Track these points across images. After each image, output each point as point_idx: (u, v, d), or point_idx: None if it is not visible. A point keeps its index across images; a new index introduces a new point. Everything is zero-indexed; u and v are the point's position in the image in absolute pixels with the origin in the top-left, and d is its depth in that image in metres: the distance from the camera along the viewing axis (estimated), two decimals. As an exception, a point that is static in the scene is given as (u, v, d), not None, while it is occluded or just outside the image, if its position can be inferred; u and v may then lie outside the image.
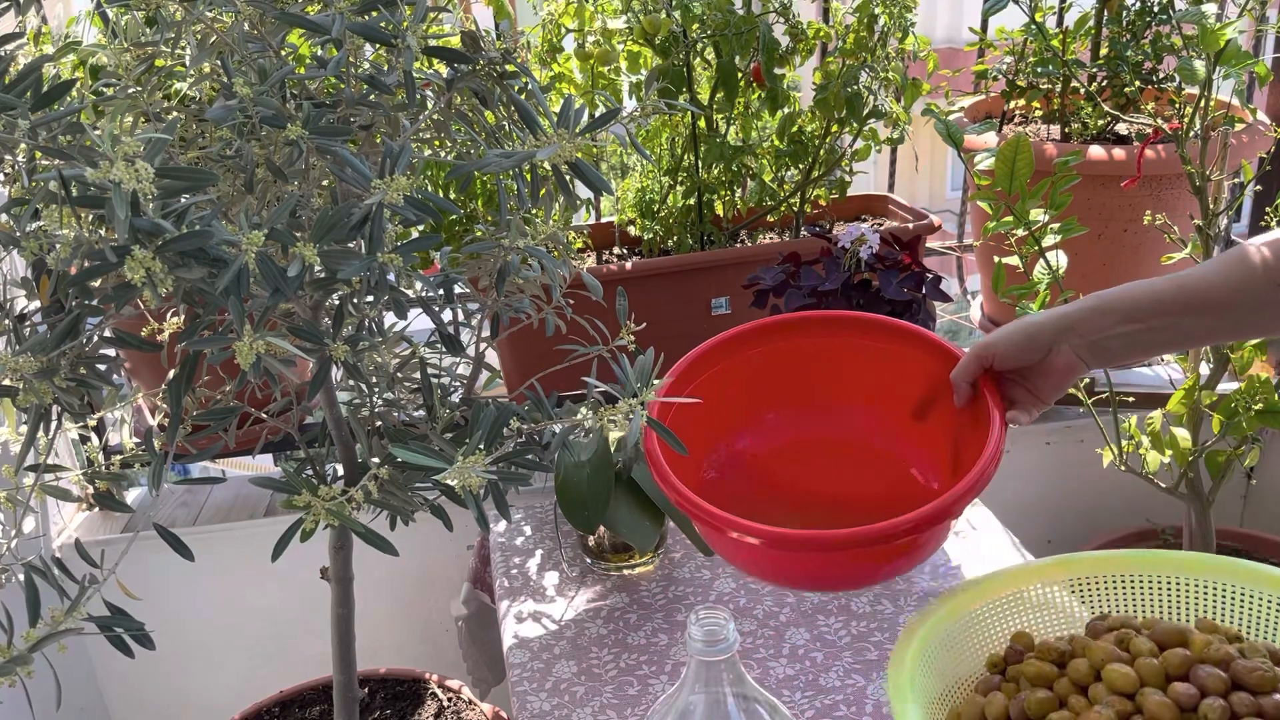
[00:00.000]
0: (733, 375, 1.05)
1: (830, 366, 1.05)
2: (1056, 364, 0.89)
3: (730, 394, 1.05)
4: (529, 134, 0.80)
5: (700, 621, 0.65)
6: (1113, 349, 0.86)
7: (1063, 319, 0.87)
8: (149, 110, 0.78)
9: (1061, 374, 0.89)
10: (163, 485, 0.88)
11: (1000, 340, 0.91)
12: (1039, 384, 0.92)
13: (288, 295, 0.68)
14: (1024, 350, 0.90)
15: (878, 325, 1.02)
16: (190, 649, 1.70)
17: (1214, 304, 0.81)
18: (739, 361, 1.05)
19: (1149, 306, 0.84)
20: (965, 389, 0.94)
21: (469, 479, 0.74)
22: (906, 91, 1.51)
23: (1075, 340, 0.87)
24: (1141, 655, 0.74)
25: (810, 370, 1.05)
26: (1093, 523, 1.81)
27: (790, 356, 1.05)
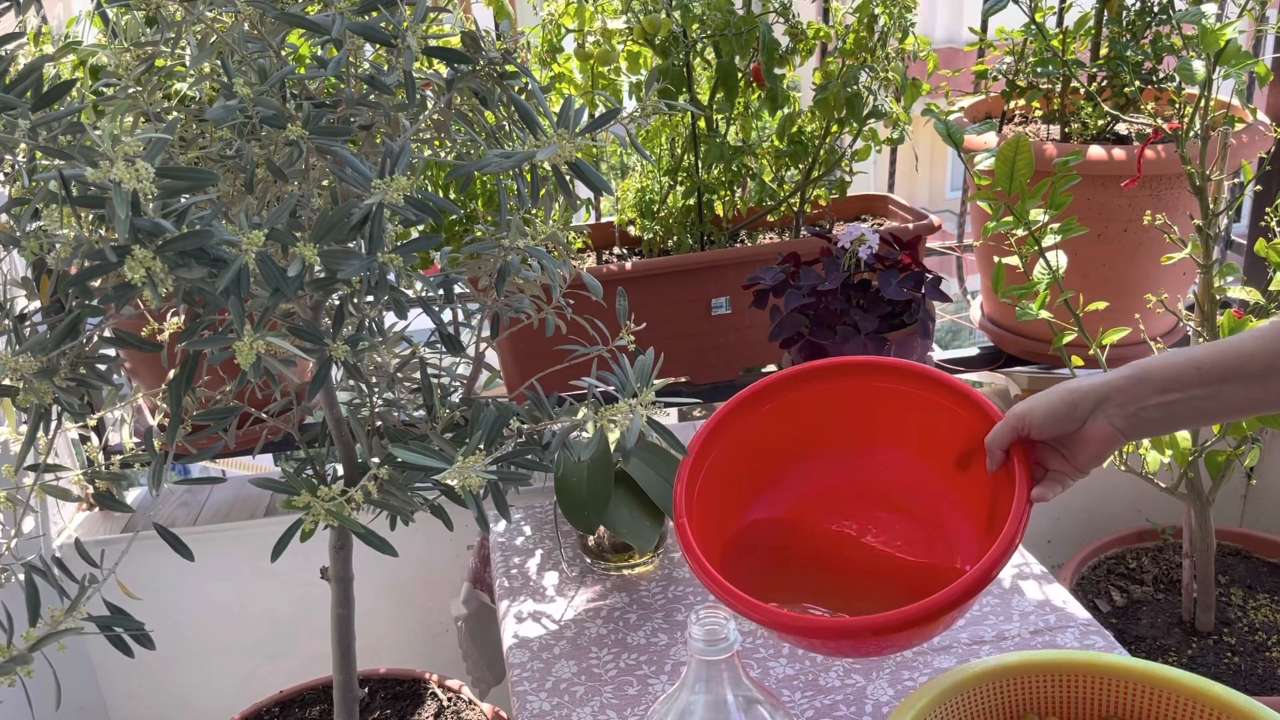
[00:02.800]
0: (768, 423, 1.04)
1: (868, 412, 1.03)
2: (1093, 434, 0.86)
3: (765, 443, 1.04)
4: (529, 134, 0.80)
5: (701, 621, 0.65)
6: (1151, 419, 0.84)
7: (1101, 389, 0.85)
8: (149, 110, 0.78)
9: (1099, 445, 0.86)
10: (163, 485, 0.88)
11: (1037, 409, 0.88)
12: (1075, 453, 0.89)
13: (288, 295, 0.68)
14: (1060, 420, 0.87)
15: (918, 374, 1.01)
16: (190, 649, 1.70)
17: (1255, 372, 0.80)
18: (775, 409, 1.04)
19: (1189, 375, 0.82)
20: (999, 455, 0.92)
21: (469, 479, 0.74)
22: (906, 91, 1.51)
23: (1113, 410, 0.85)
24: None
25: (846, 416, 1.04)
26: (1092, 523, 1.81)
27: (825, 402, 1.04)
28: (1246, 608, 1.57)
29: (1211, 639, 1.51)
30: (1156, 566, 1.67)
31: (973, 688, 0.88)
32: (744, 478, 1.04)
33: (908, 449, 1.02)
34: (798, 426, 1.04)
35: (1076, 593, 1.58)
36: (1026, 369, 1.75)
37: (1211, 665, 1.47)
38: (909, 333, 1.20)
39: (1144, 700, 0.87)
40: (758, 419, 1.04)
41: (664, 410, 0.92)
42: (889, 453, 1.03)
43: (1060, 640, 1.09)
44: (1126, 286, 1.56)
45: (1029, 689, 0.89)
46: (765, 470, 1.05)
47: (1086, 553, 1.67)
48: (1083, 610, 1.14)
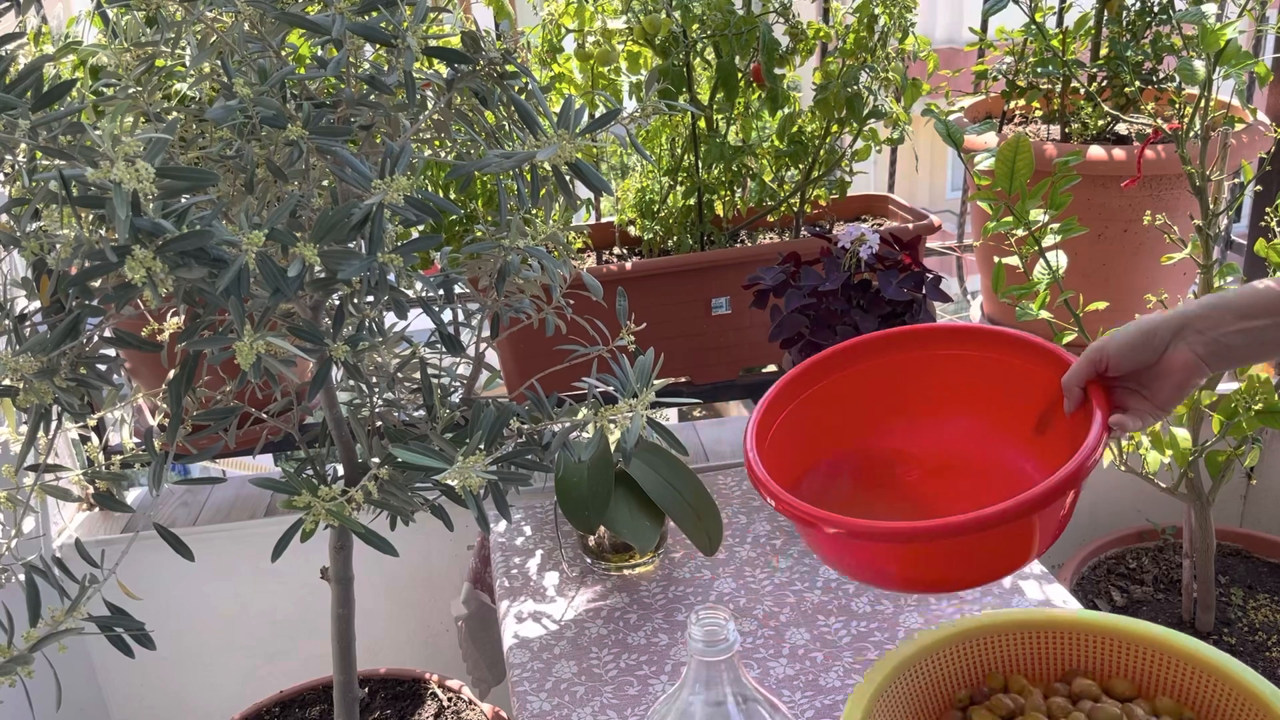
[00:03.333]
0: (830, 395, 1.01)
1: (933, 381, 1.00)
2: (1174, 363, 0.84)
3: (828, 416, 1.01)
4: (529, 134, 0.80)
5: (700, 622, 0.65)
6: (1234, 345, 0.82)
7: (1179, 317, 0.83)
8: (149, 110, 0.78)
9: (1180, 374, 0.84)
10: (163, 485, 0.88)
11: (1113, 340, 0.86)
12: (1157, 388, 0.86)
13: (288, 295, 0.68)
14: (1138, 350, 0.85)
15: (979, 335, 0.98)
16: (190, 649, 1.70)
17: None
18: (836, 381, 1.01)
19: (1269, 303, 0.80)
20: (1076, 393, 0.89)
21: (469, 479, 0.74)
22: (906, 91, 1.51)
23: (1193, 337, 0.83)
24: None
25: (914, 386, 1.01)
26: (1093, 522, 1.81)
27: (890, 373, 1.01)
28: (1246, 608, 1.57)
29: (1211, 639, 1.51)
30: (1156, 566, 1.67)
31: (938, 651, 0.90)
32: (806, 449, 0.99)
33: (983, 417, 0.98)
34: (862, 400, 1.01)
35: (1076, 593, 1.58)
36: (1026, 369, 1.75)
37: (1211, 665, 1.47)
38: (909, 333, 1.20)
39: (1103, 652, 0.90)
40: (820, 391, 1.01)
41: (664, 410, 0.92)
42: (963, 422, 0.99)
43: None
44: (1126, 286, 1.56)
45: (993, 649, 0.92)
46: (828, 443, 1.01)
47: (1086, 553, 1.67)
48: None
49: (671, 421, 2.38)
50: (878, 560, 0.87)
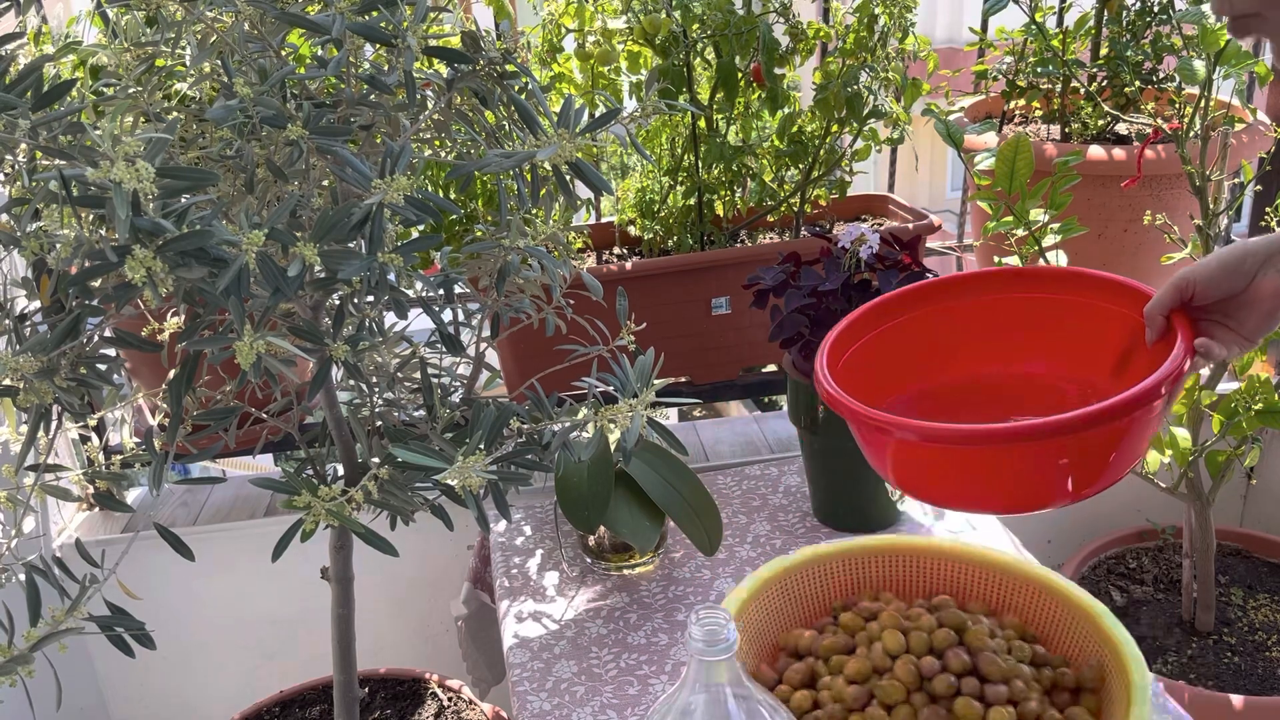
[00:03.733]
0: (902, 334, 0.98)
1: (1009, 323, 0.97)
2: (1264, 290, 0.80)
3: (899, 354, 0.98)
4: (529, 134, 0.80)
5: (700, 621, 0.65)
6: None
7: (1268, 243, 0.80)
8: (149, 110, 0.78)
9: (1270, 302, 0.80)
10: (163, 485, 0.88)
11: (1200, 268, 0.82)
12: (1244, 317, 0.83)
13: (288, 295, 0.68)
14: (1229, 273, 0.81)
15: (1053, 276, 0.94)
16: (190, 649, 1.70)
17: None
18: (909, 321, 0.98)
19: None
20: (1159, 321, 0.85)
21: (469, 479, 0.74)
22: (906, 91, 1.51)
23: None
24: (920, 629, 0.92)
25: (988, 328, 0.98)
26: (1092, 522, 1.81)
27: (965, 316, 0.97)
28: (1246, 608, 1.57)
29: (1211, 639, 1.51)
30: (1156, 566, 1.67)
31: (818, 564, 1.01)
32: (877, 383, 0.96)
33: (1062, 358, 0.95)
34: (935, 342, 0.98)
35: (1076, 593, 1.58)
36: (1026, 369, 1.75)
37: (1211, 665, 1.47)
38: (909, 333, 1.20)
39: (962, 576, 1.01)
40: (891, 330, 0.98)
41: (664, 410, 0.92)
42: (1042, 363, 0.96)
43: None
44: (1126, 286, 1.56)
45: (866, 568, 1.03)
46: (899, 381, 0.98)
47: (1086, 553, 1.67)
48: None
49: (671, 421, 2.39)
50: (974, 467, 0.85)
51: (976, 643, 0.90)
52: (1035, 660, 0.92)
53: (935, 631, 0.92)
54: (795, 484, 1.45)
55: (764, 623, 0.97)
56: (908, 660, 0.89)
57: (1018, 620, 0.97)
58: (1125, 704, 0.81)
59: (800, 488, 1.43)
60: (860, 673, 0.89)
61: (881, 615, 0.95)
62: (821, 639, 0.95)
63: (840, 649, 0.94)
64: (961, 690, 0.87)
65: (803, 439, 1.31)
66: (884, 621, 0.94)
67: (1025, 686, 0.87)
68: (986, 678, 0.88)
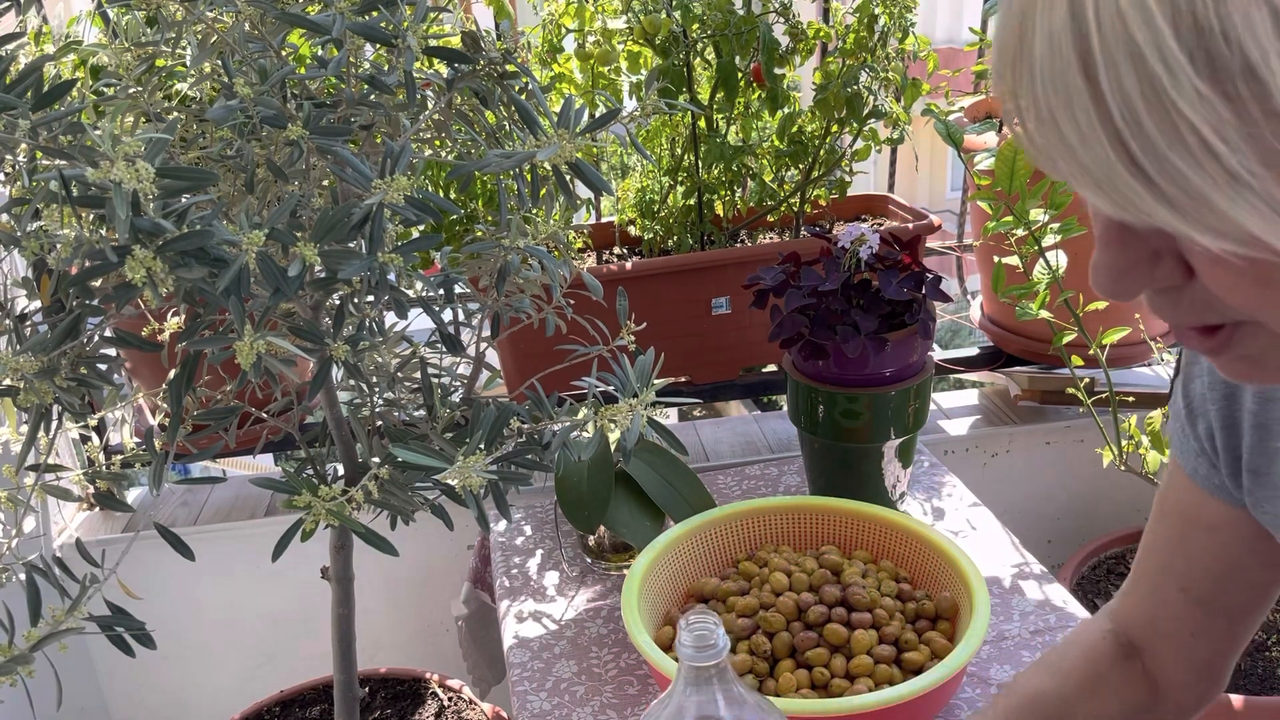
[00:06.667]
0: None
1: None
2: None
3: None
4: (529, 134, 0.80)
5: (690, 627, 0.65)
6: None
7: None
8: (149, 110, 0.78)
9: None
10: (163, 485, 0.88)
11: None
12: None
13: (288, 295, 0.68)
14: None
15: None
16: (190, 649, 1.70)
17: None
18: None
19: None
20: None
21: (469, 479, 0.74)
22: (906, 91, 1.51)
23: None
24: (803, 571, 1.08)
25: None
26: (1092, 522, 1.81)
27: None
28: (1246, 607, 1.57)
29: (1211, 639, 1.51)
30: (1156, 566, 1.67)
31: (723, 523, 1.16)
32: None
33: None
34: None
35: (1076, 592, 1.58)
36: (1026, 369, 1.75)
37: (1211, 665, 1.46)
38: (909, 333, 1.20)
39: (847, 528, 1.17)
40: None
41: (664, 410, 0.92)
42: None
43: (1059, 640, 1.09)
44: (1126, 286, 1.55)
45: (764, 525, 1.18)
46: None
47: (1086, 553, 1.67)
48: (1083, 610, 1.14)
49: (671, 421, 2.38)
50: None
51: (849, 580, 1.07)
52: (901, 595, 1.08)
53: (815, 572, 1.08)
54: (795, 484, 1.45)
55: (677, 573, 1.12)
56: (789, 596, 1.04)
57: (892, 564, 1.13)
58: (968, 624, 0.97)
59: (800, 488, 1.43)
60: (749, 608, 1.04)
61: (771, 560, 1.11)
62: (723, 585, 1.09)
63: (737, 592, 1.08)
64: (832, 618, 1.02)
65: (803, 439, 1.31)
66: (773, 565, 1.09)
67: (887, 614, 1.03)
68: (854, 607, 1.04)
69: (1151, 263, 0.42)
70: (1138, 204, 0.37)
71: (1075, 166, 0.38)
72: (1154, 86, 0.34)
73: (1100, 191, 0.38)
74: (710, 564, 1.15)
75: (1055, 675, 0.81)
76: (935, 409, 1.80)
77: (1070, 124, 0.36)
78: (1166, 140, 0.34)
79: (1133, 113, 0.35)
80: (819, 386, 1.23)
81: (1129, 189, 0.37)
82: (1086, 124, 0.36)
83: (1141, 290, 0.44)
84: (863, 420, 1.22)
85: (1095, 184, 0.38)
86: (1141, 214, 0.37)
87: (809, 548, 1.17)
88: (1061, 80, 0.36)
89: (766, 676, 1.00)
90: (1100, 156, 0.36)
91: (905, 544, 1.13)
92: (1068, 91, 0.36)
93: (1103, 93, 0.35)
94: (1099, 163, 0.37)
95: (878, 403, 1.21)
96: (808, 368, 1.25)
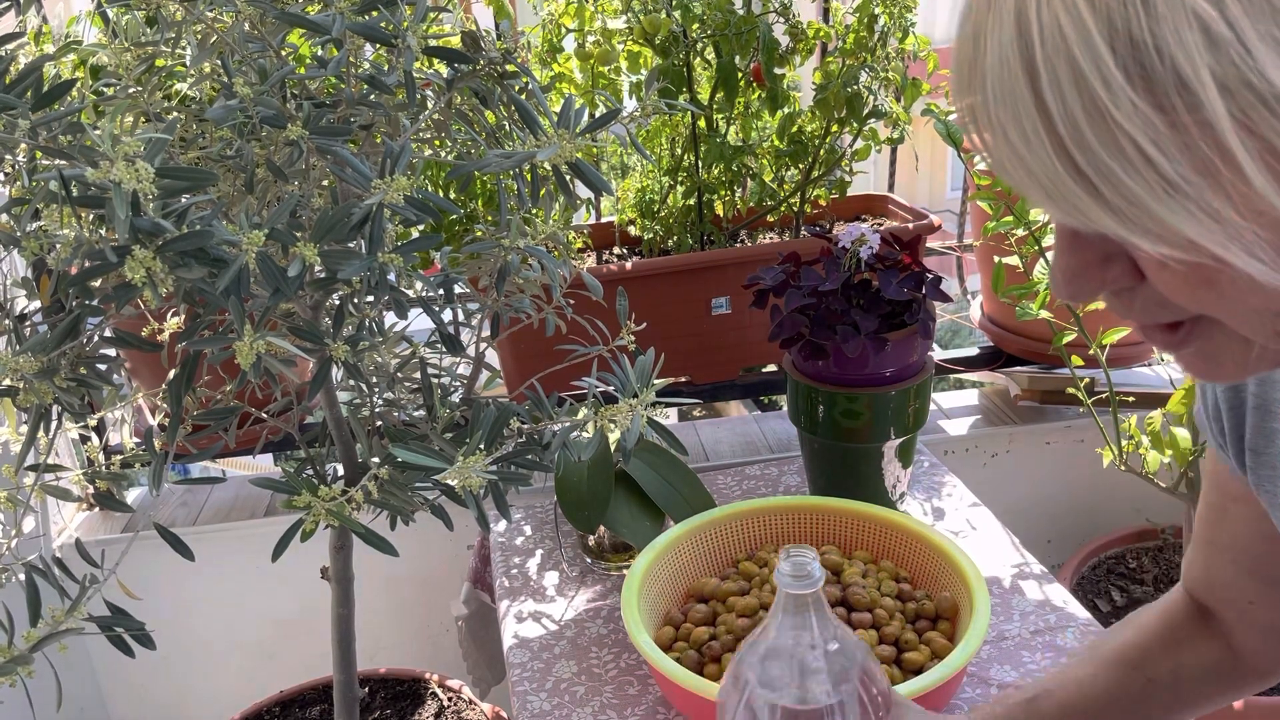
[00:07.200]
0: None
1: None
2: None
3: None
4: (529, 134, 0.80)
5: (789, 557, 0.68)
6: None
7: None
8: (149, 110, 0.78)
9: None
10: (163, 485, 0.88)
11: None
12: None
13: (288, 295, 0.68)
14: None
15: None
16: (190, 649, 1.70)
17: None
18: None
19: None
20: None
21: (469, 479, 0.74)
22: (906, 91, 1.51)
23: None
24: None
25: None
26: (1092, 522, 1.81)
27: None
28: (1246, 607, 1.57)
29: (1211, 639, 1.51)
30: (1156, 566, 1.67)
31: (725, 522, 1.16)
32: None
33: None
34: None
35: (1076, 592, 1.58)
36: (1026, 369, 1.75)
37: (1211, 665, 1.46)
38: (909, 333, 1.20)
39: (847, 529, 1.17)
40: None
41: (664, 410, 0.92)
42: None
43: (1060, 640, 1.09)
44: (1126, 286, 1.55)
45: (764, 525, 1.18)
46: None
47: (1086, 553, 1.67)
48: (1083, 610, 1.14)
49: (671, 421, 2.38)
50: None
51: (849, 580, 1.07)
52: (901, 595, 1.08)
53: None
54: (795, 484, 1.45)
55: (677, 573, 1.12)
56: None
57: (892, 564, 1.13)
58: (968, 625, 0.97)
59: (800, 488, 1.43)
60: (749, 608, 1.05)
61: (771, 560, 1.11)
62: (723, 585, 1.10)
63: (737, 592, 1.08)
64: None
65: (803, 439, 1.31)
66: (773, 565, 1.09)
67: (887, 614, 1.04)
68: (854, 606, 1.04)
69: (1103, 266, 0.44)
70: (1084, 211, 0.39)
71: (1025, 175, 0.40)
72: (1094, 100, 0.36)
73: (1049, 199, 0.40)
74: (710, 564, 1.15)
75: (1138, 631, 0.82)
76: (935, 409, 1.80)
77: (1019, 134, 0.38)
78: (1107, 151, 0.36)
79: (1075, 125, 0.37)
80: (819, 386, 1.23)
81: (1075, 197, 0.38)
82: (1034, 134, 0.38)
83: (1095, 292, 0.46)
84: (863, 420, 1.22)
85: (1044, 192, 0.40)
86: (1088, 220, 0.39)
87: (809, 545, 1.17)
88: (1010, 93, 0.38)
89: (767, 677, 1.00)
90: (1046, 165, 0.38)
91: (905, 544, 1.13)
92: (1015, 103, 0.38)
93: (1047, 105, 0.37)
94: (1046, 171, 0.39)
95: (878, 403, 1.21)
96: (808, 368, 1.25)
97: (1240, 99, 0.35)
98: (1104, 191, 0.37)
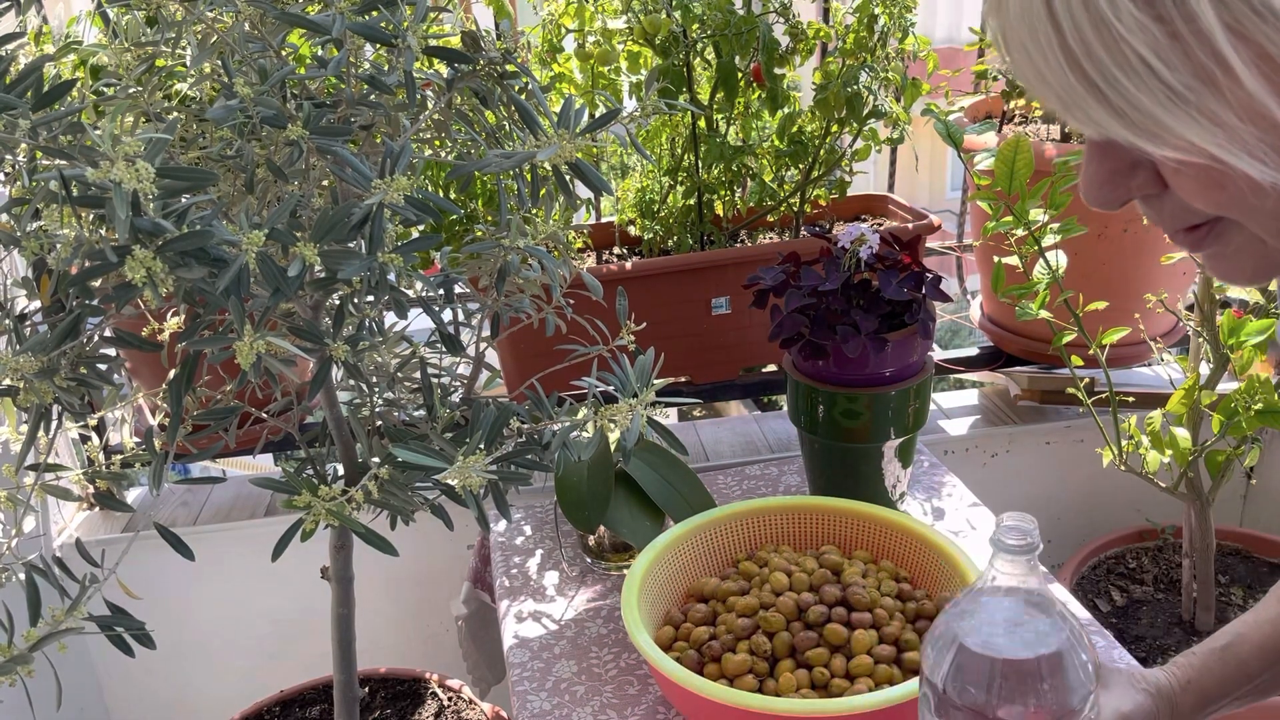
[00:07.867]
0: None
1: None
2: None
3: None
4: (529, 134, 0.80)
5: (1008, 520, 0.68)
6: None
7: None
8: (149, 110, 0.78)
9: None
10: (163, 485, 0.88)
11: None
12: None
13: (288, 295, 0.68)
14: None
15: None
16: (190, 649, 1.70)
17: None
18: None
19: (1236, 678, 0.78)
20: None
21: (469, 479, 0.74)
22: (906, 91, 1.51)
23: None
24: (803, 571, 1.08)
25: None
26: (1092, 522, 1.81)
27: None
28: (1246, 607, 1.57)
29: (1211, 639, 1.51)
30: (1156, 566, 1.67)
31: (725, 522, 1.16)
32: None
33: None
34: None
35: (1076, 592, 1.58)
36: (1026, 369, 1.75)
37: (1211, 665, 1.46)
38: (909, 333, 1.20)
39: (847, 528, 1.17)
40: None
41: (664, 410, 0.92)
42: None
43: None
44: (1126, 286, 1.56)
45: (765, 525, 1.18)
46: None
47: (1086, 552, 1.67)
48: (1083, 610, 1.14)
49: (671, 421, 2.38)
50: None
51: (849, 580, 1.07)
52: (901, 595, 1.08)
53: (815, 572, 1.08)
54: (795, 484, 1.45)
55: (677, 573, 1.12)
56: (789, 596, 1.04)
57: (892, 564, 1.13)
58: None
59: (800, 488, 1.43)
60: (749, 608, 1.04)
61: (771, 560, 1.11)
62: (723, 585, 1.09)
63: (737, 592, 1.08)
64: (832, 618, 1.02)
65: (803, 439, 1.31)
66: (773, 565, 1.09)
67: (887, 614, 1.03)
68: (855, 607, 1.04)
69: (1128, 174, 0.49)
70: (1097, 120, 0.43)
71: (1045, 88, 0.44)
72: (1099, 14, 0.40)
73: (1067, 110, 0.44)
74: (710, 564, 1.16)
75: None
76: (935, 409, 1.80)
77: (1036, 49, 0.43)
78: (1113, 61, 0.40)
79: (1084, 40, 0.41)
80: (819, 386, 1.23)
81: (1087, 105, 0.43)
82: (1049, 48, 0.42)
83: (1121, 199, 0.51)
84: (863, 420, 1.22)
85: (1062, 103, 0.44)
86: (1101, 128, 0.43)
87: (809, 548, 1.17)
88: (1028, 15, 0.42)
89: (766, 676, 0.99)
90: (1062, 79, 0.43)
91: (905, 544, 1.13)
92: (1032, 20, 0.42)
93: (1059, 21, 0.41)
94: (1061, 83, 0.43)
95: (878, 403, 1.21)
96: (808, 368, 1.25)
97: (1233, 8, 0.38)
98: (1112, 99, 0.41)
